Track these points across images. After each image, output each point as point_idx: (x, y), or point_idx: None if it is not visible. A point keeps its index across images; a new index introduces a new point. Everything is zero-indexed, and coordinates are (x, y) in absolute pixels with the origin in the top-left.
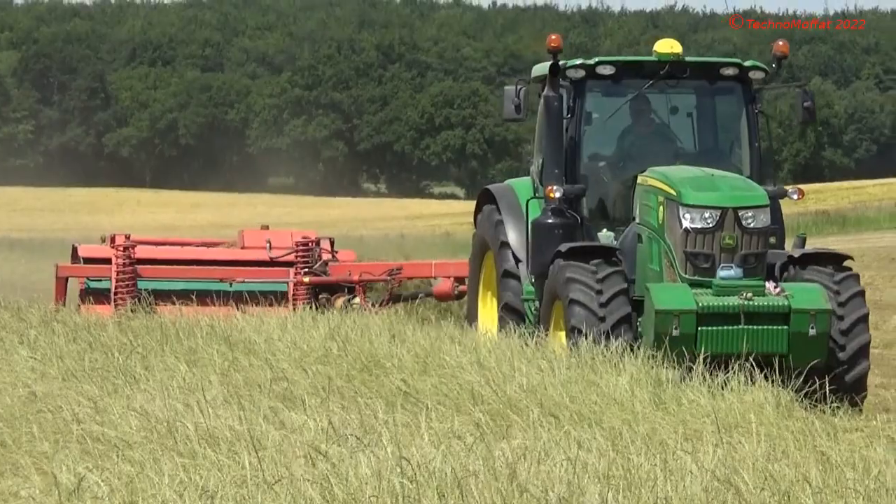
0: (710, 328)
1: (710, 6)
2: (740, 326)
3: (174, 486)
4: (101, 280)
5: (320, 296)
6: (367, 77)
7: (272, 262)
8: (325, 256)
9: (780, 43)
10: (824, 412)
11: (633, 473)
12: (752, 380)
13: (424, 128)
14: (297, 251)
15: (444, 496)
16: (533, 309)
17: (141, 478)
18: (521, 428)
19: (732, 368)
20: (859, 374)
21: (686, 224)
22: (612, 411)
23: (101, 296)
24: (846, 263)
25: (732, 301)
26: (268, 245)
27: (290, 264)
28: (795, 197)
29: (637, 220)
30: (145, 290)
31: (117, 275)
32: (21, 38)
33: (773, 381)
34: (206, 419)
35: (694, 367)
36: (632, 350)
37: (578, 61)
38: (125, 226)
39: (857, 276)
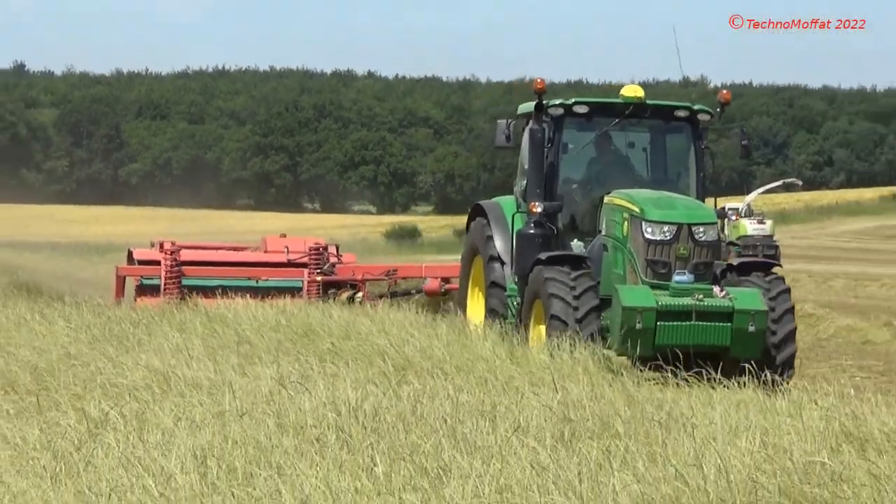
0: (667, 323)
1: (607, 78)
2: (692, 323)
3: (170, 418)
4: (152, 278)
5: (329, 291)
6: (307, 128)
7: (289, 264)
8: (332, 259)
9: (724, 91)
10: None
11: (496, 408)
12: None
13: (347, 164)
14: (310, 254)
15: (364, 425)
16: (514, 304)
17: (147, 412)
18: (416, 376)
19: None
20: (788, 354)
21: (648, 236)
22: (481, 365)
23: (152, 291)
24: (774, 270)
25: (686, 301)
26: (286, 250)
27: (303, 265)
28: (733, 218)
29: (603, 233)
30: (187, 286)
31: (166, 274)
32: (59, 99)
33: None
34: (192, 371)
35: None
36: (603, 339)
37: (558, 101)
38: (136, 233)
39: (783, 279)
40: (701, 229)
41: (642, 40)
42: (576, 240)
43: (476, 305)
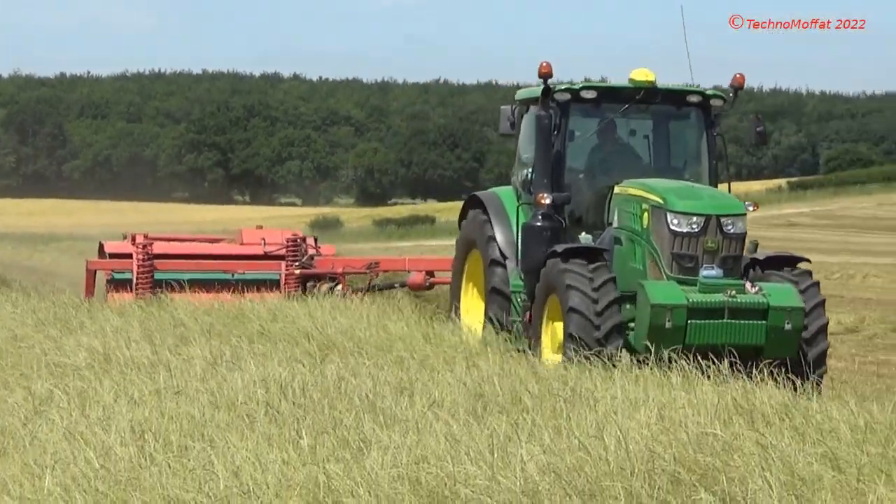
0: (698, 322)
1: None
2: (724, 321)
3: (111, 395)
4: (124, 272)
5: (308, 284)
6: (237, 126)
7: (266, 256)
8: (311, 251)
9: (738, 75)
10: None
11: (413, 385)
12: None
13: (275, 159)
14: (287, 246)
15: (291, 401)
16: (519, 300)
17: (89, 390)
18: (339, 356)
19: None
20: (820, 351)
21: (673, 228)
22: (398, 345)
23: (124, 285)
24: (801, 264)
25: (718, 297)
26: (262, 242)
27: (281, 258)
28: (751, 209)
29: (615, 225)
30: (161, 280)
31: (138, 268)
32: (7, 100)
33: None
34: (131, 351)
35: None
36: (618, 332)
37: (565, 86)
38: (78, 223)
39: (810, 272)
40: (730, 221)
41: (562, 39)
42: (583, 233)
43: (471, 301)
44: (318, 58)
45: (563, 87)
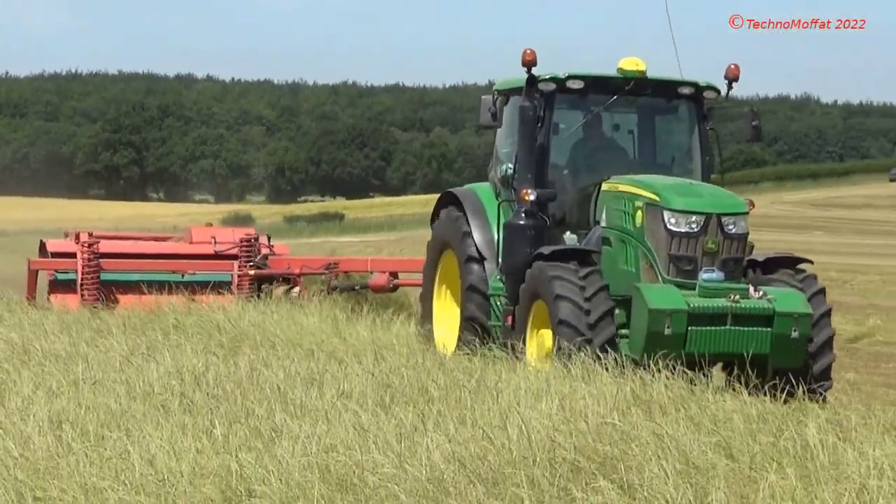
0: (699, 328)
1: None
2: (727, 327)
3: (29, 386)
4: (67, 272)
5: (262, 286)
6: (152, 125)
7: (218, 256)
8: (264, 251)
9: (733, 66)
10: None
11: (323, 376)
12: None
13: (188, 158)
14: (240, 246)
15: (205, 391)
16: (499, 305)
17: (7, 382)
18: (250, 348)
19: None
20: (826, 364)
21: (671, 227)
22: (309, 339)
23: (68, 287)
24: (805, 266)
25: (721, 303)
26: (212, 240)
27: (234, 257)
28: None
29: (604, 224)
30: (106, 281)
31: (83, 268)
32: None
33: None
34: (49, 343)
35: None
36: (611, 345)
37: (549, 75)
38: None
39: (815, 277)
40: (731, 220)
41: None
42: (568, 233)
43: (444, 304)
44: (230, 59)
45: (547, 77)
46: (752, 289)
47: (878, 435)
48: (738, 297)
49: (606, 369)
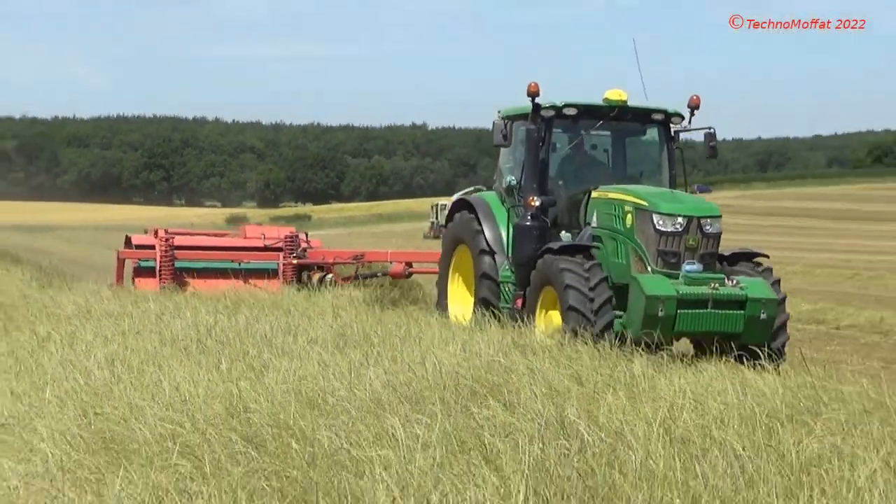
0: (686, 311)
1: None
2: (708, 311)
3: (91, 335)
4: (148, 261)
5: (303, 273)
6: (177, 153)
7: (266, 248)
8: (303, 245)
9: (695, 97)
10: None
11: (297, 328)
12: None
13: (202, 176)
14: (285, 241)
15: (215, 339)
16: (507, 290)
17: (76, 332)
18: (247, 308)
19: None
20: (782, 342)
21: (659, 227)
22: (286, 301)
23: (149, 272)
24: (762, 260)
25: (703, 290)
26: (262, 236)
27: (279, 250)
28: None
29: (595, 225)
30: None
31: (161, 257)
32: (15, 133)
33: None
34: (104, 305)
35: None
36: (609, 328)
37: (549, 104)
38: None
39: (771, 269)
40: (708, 222)
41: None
42: (563, 232)
43: (458, 291)
44: (231, 105)
45: (548, 105)
46: (726, 278)
47: (683, 368)
48: (717, 285)
49: (497, 321)
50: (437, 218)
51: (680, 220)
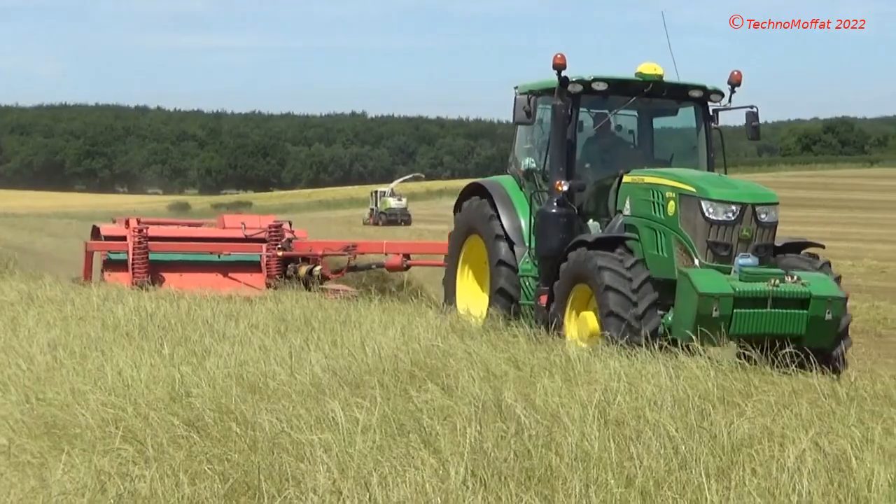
0: (743, 311)
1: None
2: (767, 310)
3: (33, 321)
4: (119, 253)
5: (289, 265)
6: (120, 141)
7: (248, 239)
8: (287, 235)
9: (736, 72)
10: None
11: (239, 314)
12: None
13: (144, 163)
14: (269, 231)
15: (157, 324)
16: (528, 284)
17: (18, 318)
18: (189, 294)
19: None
20: (844, 347)
21: (710, 216)
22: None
23: (120, 266)
24: (819, 251)
25: (762, 287)
26: (243, 226)
27: (262, 241)
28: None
29: (628, 213)
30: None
31: (134, 249)
32: None
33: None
34: (47, 291)
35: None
36: (655, 334)
37: (576, 78)
38: None
39: (830, 263)
40: (764, 210)
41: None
42: (591, 220)
43: (468, 286)
44: (174, 94)
45: (575, 79)
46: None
47: (616, 351)
48: (777, 281)
49: (432, 307)
50: (376, 205)
51: (733, 207)
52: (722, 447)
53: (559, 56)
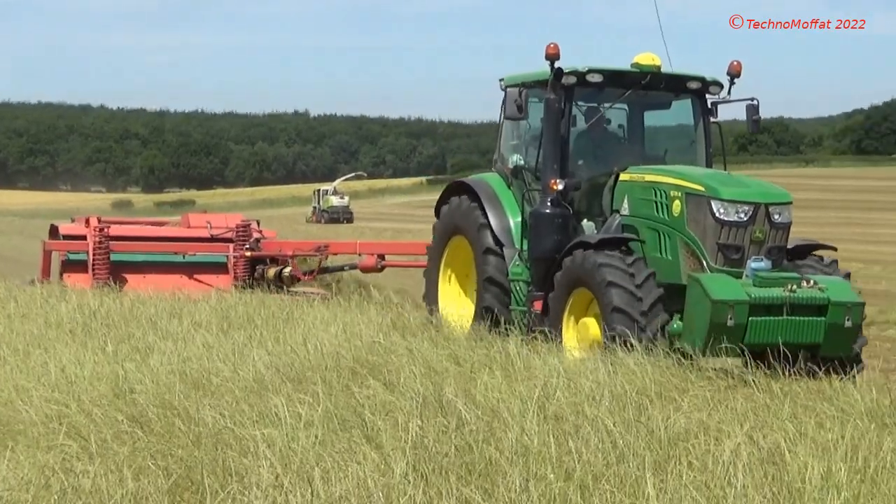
0: (759, 319)
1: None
2: (783, 317)
3: None
4: (78, 253)
5: (257, 266)
6: (63, 139)
7: (214, 239)
8: (255, 235)
9: (735, 63)
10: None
11: (182, 311)
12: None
13: (86, 161)
14: (236, 230)
15: (100, 321)
16: (519, 289)
17: None
18: (132, 292)
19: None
20: (860, 346)
21: (721, 216)
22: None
23: (79, 266)
24: (828, 253)
25: (778, 293)
26: (208, 225)
27: (229, 240)
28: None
29: (626, 213)
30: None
31: (94, 249)
32: None
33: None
34: None
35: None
36: (662, 333)
37: (570, 69)
38: None
39: (837, 262)
40: (778, 210)
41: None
42: (585, 220)
43: (450, 289)
44: (117, 93)
45: (569, 71)
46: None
47: (555, 348)
48: (794, 286)
49: (372, 304)
50: (318, 203)
51: (745, 207)
52: (659, 441)
53: (552, 46)
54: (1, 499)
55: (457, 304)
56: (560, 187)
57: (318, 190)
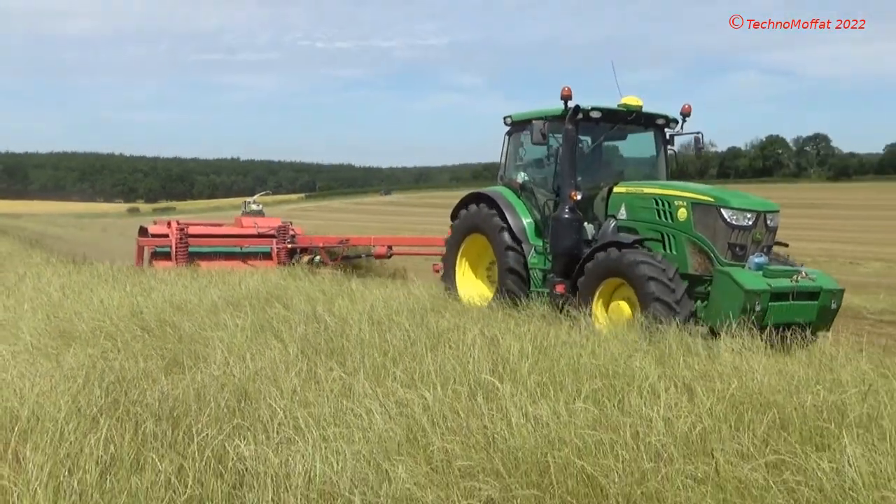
0: (775, 304)
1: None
2: (790, 302)
3: (52, 273)
4: (164, 247)
5: (294, 256)
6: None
7: (261, 235)
8: (291, 232)
9: (686, 105)
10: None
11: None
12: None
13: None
14: (278, 229)
15: (119, 273)
16: (539, 275)
17: (42, 272)
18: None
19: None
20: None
21: (732, 222)
22: (161, 274)
23: (164, 256)
24: (783, 248)
25: (787, 283)
26: (255, 225)
27: (272, 236)
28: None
29: (623, 217)
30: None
31: (176, 244)
32: None
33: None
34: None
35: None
36: (691, 317)
37: (585, 108)
38: None
39: (789, 256)
40: (770, 216)
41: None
42: (586, 223)
43: (466, 278)
44: (129, 145)
45: (583, 109)
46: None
47: (381, 285)
48: (797, 277)
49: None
50: (244, 208)
51: (749, 214)
52: (433, 334)
53: (566, 89)
54: (69, 373)
55: (473, 287)
56: (579, 198)
57: (246, 201)
